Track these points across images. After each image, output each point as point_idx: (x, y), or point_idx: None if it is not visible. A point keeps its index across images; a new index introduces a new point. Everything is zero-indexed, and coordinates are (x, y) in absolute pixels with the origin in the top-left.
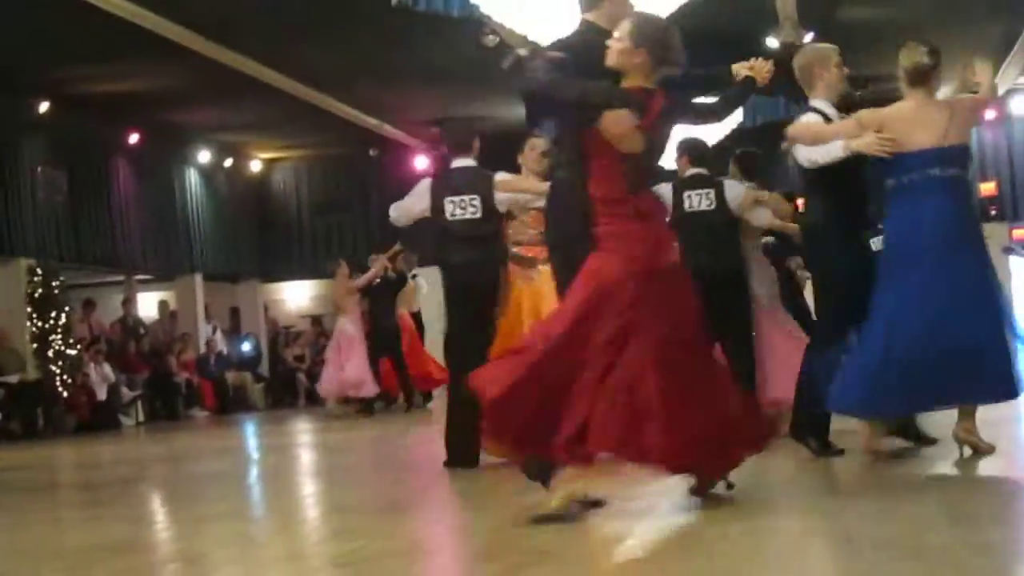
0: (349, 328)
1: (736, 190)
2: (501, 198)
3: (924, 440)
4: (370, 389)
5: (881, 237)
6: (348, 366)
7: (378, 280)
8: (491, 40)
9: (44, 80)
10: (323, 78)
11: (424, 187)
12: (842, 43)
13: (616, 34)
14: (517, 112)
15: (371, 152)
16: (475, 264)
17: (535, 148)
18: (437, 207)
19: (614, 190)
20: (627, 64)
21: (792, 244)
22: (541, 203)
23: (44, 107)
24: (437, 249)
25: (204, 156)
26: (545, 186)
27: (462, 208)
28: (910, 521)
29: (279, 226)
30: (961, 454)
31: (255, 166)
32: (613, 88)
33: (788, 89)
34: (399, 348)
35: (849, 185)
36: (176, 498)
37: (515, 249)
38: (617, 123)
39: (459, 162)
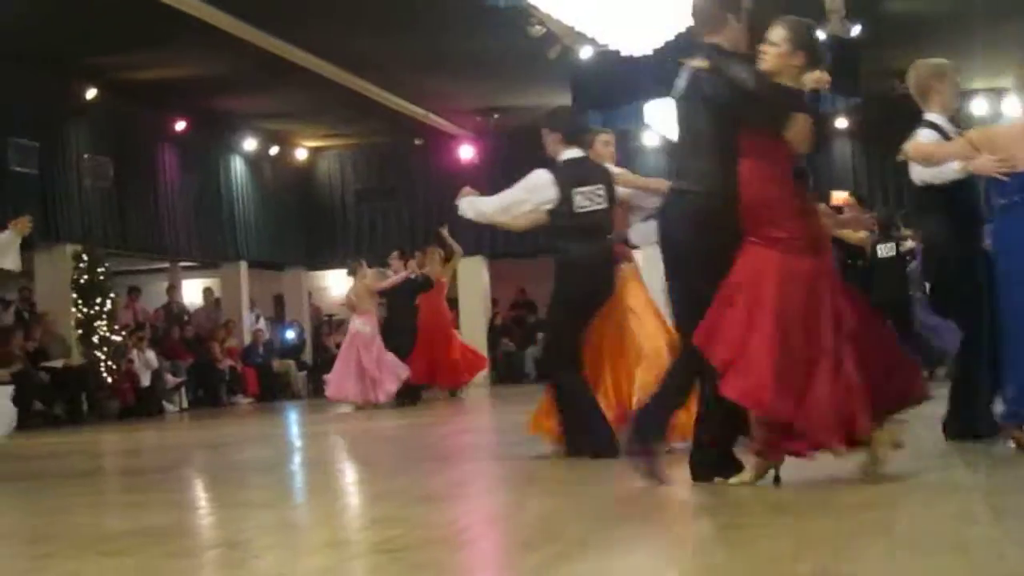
0: (366, 329)
1: None
2: (620, 192)
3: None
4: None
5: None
6: (382, 375)
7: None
8: (538, 30)
9: (91, 67)
10: (369, 66)
11: (545, 179)
12: (888, 36)
13: (771, 39)
14: (562, 102)
15: (416, 141)
16: (599, 256)
17: (609, 144)
18: (566, 199)
19: (785, 190)
20: (784, 67)
21: (850, 249)
22: (650, 201)
23: (91, 94)
24: (561, 241)
25: (250, 144)
26: (662, 183)
27: (590, 199)
28: (953, 515)
29: (324, 214)
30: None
31: (300, 154)
32: (800, 92)
33: (834, 83)
34: (410, 349)
35: (963, 201)
36: (218, 484)
37: None
38: (805, 125)
39: (571, 153)
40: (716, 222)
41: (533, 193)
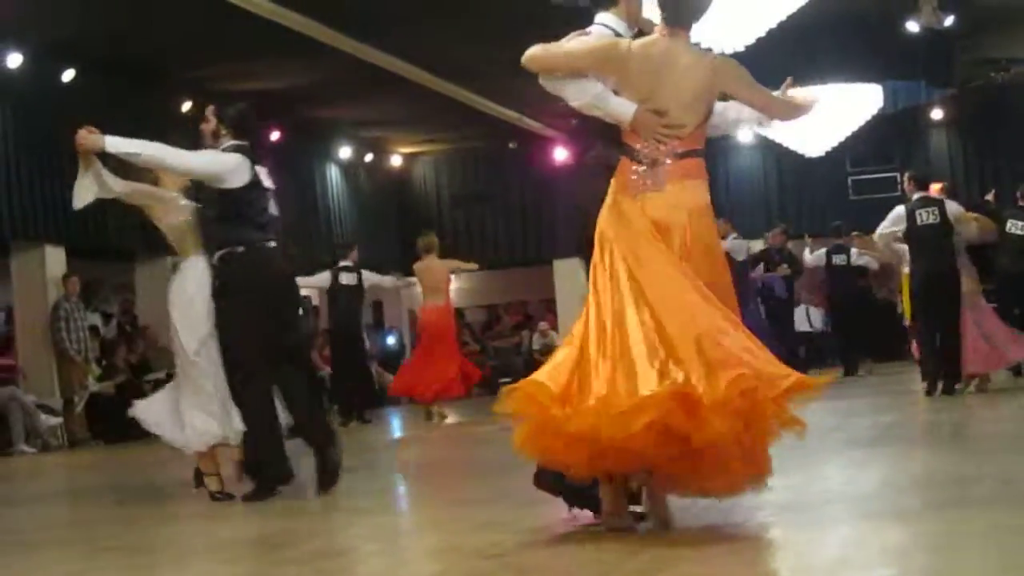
0: None
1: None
2: None
3: None
4: None
5: None
6: None
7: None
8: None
9: (187, 79)
10: (462, 72)
11: None
12: (981, 26)
13: None
14: None
15: (510, 145)
16: None
17: None
18: None
19: None
20: None
21: None
22: None
23: (187, 106)
24: None
25: (345, 152)
26: None
27: None
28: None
29: (420, 220)
30: None
31: (395, 160)
32: None
33: (928, 74)
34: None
35: None
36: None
37: None
38: None
39: None
40: None
41: None
